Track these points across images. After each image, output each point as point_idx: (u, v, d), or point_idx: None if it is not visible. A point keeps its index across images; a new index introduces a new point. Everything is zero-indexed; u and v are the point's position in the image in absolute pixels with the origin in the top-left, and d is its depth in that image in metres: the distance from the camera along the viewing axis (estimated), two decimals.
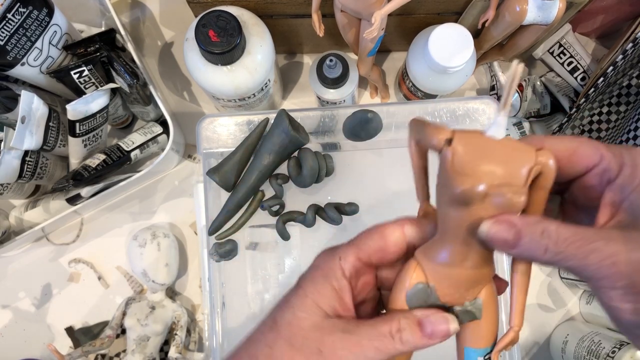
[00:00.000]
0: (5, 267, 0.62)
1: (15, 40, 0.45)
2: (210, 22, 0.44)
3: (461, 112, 0.46)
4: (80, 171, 0.52)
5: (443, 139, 0.23)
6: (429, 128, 0.24)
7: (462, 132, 0.23)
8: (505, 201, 0.22)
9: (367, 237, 0.27)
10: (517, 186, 0.22)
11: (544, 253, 0.22)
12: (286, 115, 0.43)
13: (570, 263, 0.21)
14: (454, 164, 0.22)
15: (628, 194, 0.23)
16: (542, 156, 0.23)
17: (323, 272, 0.26)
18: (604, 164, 0.24)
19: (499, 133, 0.23)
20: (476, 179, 0.22)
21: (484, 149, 0.23)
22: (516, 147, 0.23)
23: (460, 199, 0.22)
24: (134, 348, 0.55)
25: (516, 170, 0.22)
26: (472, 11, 0.50)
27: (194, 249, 0.62)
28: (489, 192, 0.22)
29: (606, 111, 0.56)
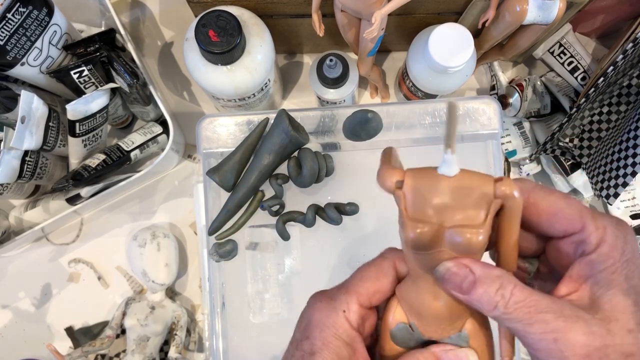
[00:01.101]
0: (5, 267, 0.62)
1: (15, 40, 0.45)
2: (210, 22, 0.44)
3: (461, 112, 0.46)
4: (80, 171, 0.52)
5: (394, 181, 0.22)
6: (383, 168, 0.23)
7: (414, 172, 0.22)
8: (463, 242, 0.21)
9: (363, 281, 0.26)
10: (475, 225, 0.21)
11: (492, 309, 0.22)
12: (286, 115, 0.43)
13: (515, 326, 0.21)
14: (407, 208, 0.22)
15: (596, 272, 0.22)
16: (502, 186, 0.22)
17: (332, 331, 0.25)
18: (583, 235, 0.23)
19: (450, 171, 0.21)
20: (429, 223, 0.21)
21: (436, 188, 0.22)
22: (472, 182, 0.22)
23: (415, 244, 0.22)
24: (133, 348, 0.55)
25: (472, 207, 0.22)
26: (472, 11, 0.50)
27: (194, 249, 0.62)
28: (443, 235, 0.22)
29: (606, 111, 0.56)
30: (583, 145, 0.57)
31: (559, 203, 0.23)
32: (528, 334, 0.21)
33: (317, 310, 0.25)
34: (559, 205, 0.23)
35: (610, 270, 0.22)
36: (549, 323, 0.20)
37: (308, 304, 0.27)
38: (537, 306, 0.21)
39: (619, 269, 0.22)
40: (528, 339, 0.21)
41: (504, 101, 0.59)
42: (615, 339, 0.20)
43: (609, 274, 0.22)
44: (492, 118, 0.46)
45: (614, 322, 0.21)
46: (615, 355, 0.20)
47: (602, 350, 0.20)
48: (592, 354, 0.20)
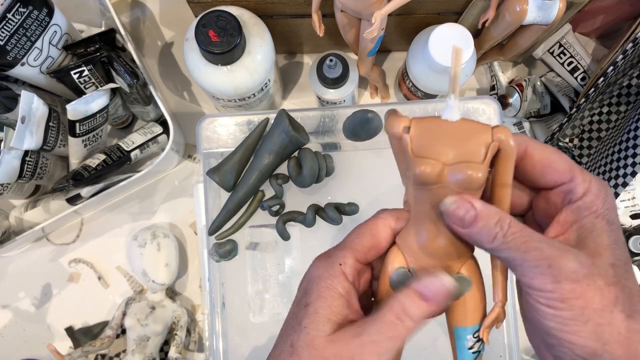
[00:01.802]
0: (5, 267, 0.62)
1: (15, 40, 0.45)
2: (210, 22, 0.44)
3: (461, 112, 0.46)
4: (80, 171, 0.52)
5: (401, 127, 0.24)
6: (390, 118, 0.25)
7: (420, 119, 0.24)
8: (464, 178, 0.23)
9: (359, 238, 0.27)
10: (475, 163, 0.23)
11: (492, 240, 0.23)
12: (286, 115, 0.43)
13: (512, 254, 0.23)
14: (413, 149, 0.24)
15: (582, 217, 0.24)
16: (499, 133, 0.24)
17: (327, 282, 0.26)
18: (571, 185, 0.25)
19: (453, 115, 0.24)
20: (433, 159, 0.23)
21: (440, 131, 0.24)
22: (472, 127, 0.24)
23: (420, 180, 0.24)
24: (134, 348, 0.55)
25: (472, 148, 0.23)
26: (472, 11, 0.50)
27: (194, 249, 0.62)
28: (446, 170, 0.23)
29: (606, 111, 0.56)
30: (583, 145, 0.57)
31: (552, 156, 0.25)
32: (524, 262, 0.23)
33: (316, 267, 0.27)
34: (552, 158, 0.25)
35: (594, 215, 0.24)
36: (543, 250, 0.22)
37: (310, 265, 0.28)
38: (532, 237, 0.23)
39: (601, 215, 0.24)
40: (524, 267, 0.23)
41: (504, 101, 0.59)
42: (600, 270, 0.23)
43: (593, 218, 0.24)
44: (492, 118, 0.46)
45: (598, 257, 0.23)
46: (600, 283, 0.22)
47: (589, 277, 0.22)
48: (582, 280, 0.22)
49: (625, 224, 0.60)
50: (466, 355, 0.27)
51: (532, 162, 0.26)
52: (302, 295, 0.27)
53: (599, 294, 0.22)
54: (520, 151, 0.25)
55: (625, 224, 0.59)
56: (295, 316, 0.26)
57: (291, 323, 0.26)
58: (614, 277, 0.23)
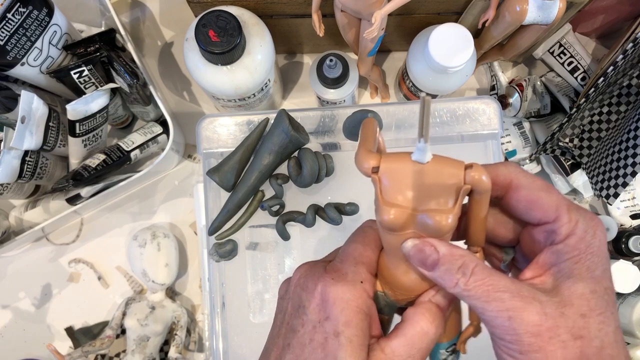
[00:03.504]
0: (5, 267, 0.62)
1: (15, 40, 0.45)
2: (210, 22, 0.44)
3: (461, 112, 0.46)
4: (80, 171, 0.52)
5: (370, 165, 0.23)
6: (360, 151, 0.24)
7: (389, 158, 0.23)
8: (433, 225, 0.23)
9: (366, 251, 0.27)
10: (444, 209, 0.23)
11: (453, 286, 0.23)
12: (286, 115, 0.43)
13: (474, 302, 0.22)
14: (382, 192, 0.23)
15: (561, 261, 0.23)
16: (472, 172, 0.23)
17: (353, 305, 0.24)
18: (555, 225, 0.24)
19: (422, 158, 0.22)
20: (400, 206, 0.23)
21: (409, 174, 0.23)
22: (443, 169, 0.23)
23: (388, 226, 0.23)
24: (133, 348, 0.55)
25: (442, 193, 0.23)
26: (472, 11, 0.50)
27: (194, 249, 0.62)
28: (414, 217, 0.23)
29: (606, 111, 0.56)
30: (583, 145, 0.57)
31: (539, 192, 0.24)
32: (485, 311, 0.22)
33: (331, 286, 0.25)
34: (539, 194, 0.24)
35: (574, 260, 0.23)
36: (505, 302, 0.22)
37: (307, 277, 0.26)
38: (495, 285, 0.22)
39: (582, 260, 0.23)
40: (485, 316, 0.22)
41: (504, 101, 0.59)
42: (568, 322, 0.21)
43: (572, 264, 0.23)
44: (492, 118, 0.46)
45: (569, 306, 0.22)
46: (565, 336, 0.21)
47: (553, 330, 0.21)
48: (543, 333, 0.21)
49: (625, 224, 0.60)
50: None
51: (517, 196, 0.25)
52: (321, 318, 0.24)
53: (561, 348, 0.21)
54: (505, 184, 0.25)
55: (625, 224, 0.59)
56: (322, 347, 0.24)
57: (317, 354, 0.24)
58: (583, 329, 0.21)
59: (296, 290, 0.26)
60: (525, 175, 0.25)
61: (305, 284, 0.26)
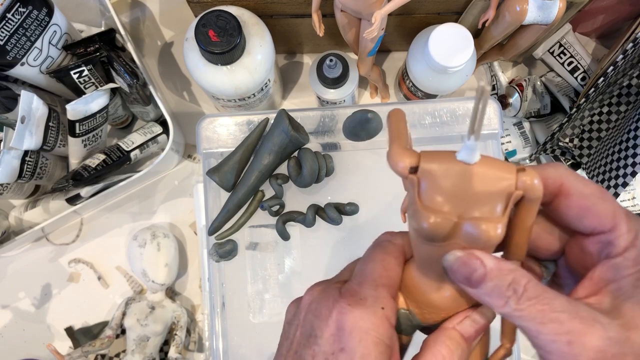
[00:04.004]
0: (5, 267, 0.62)
1: (15, 40, 0.45)
2: (210, 22, 0.44)
3: (461, 112, 0.46)
4: (80, 171, 0.52)
5: (407, 167, 0.20)
6: (395, 148, 0.21)
7: (430, 156, 0.20)
8: (479, 236, 0.20)
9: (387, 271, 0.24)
10: (493, 218, 0.20)
11: (503, 305, 0.20)
12: (286, 115, 0.43)
13: (527, 324, 0.20)
14: (421, 196, 0.20)
15: (620, 277, 0.20)
16: (524, 176, 0.20)
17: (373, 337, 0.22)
18: (611, 236, 0.21)
19: (470, 158, 0.20)
20: (444, 212, 0.20)
21: (454, 177, 0.20)
22: (492, 172, 0.20)
23: (428, 235, 0.20)
24: (133, 348, 0.55)
25: (491, 199, 0.20)
26: (472, 11, 0.50)
27: (194, 249, 0.62)
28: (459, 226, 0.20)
29: (606, 111, 0.56)
30: (583, 145, 0.57)
31: (593, 197, 0.21)
32: (540, 334, 0.19)
33: (348, 312, 0.22)
34: (593, 200, 0.21)
35: (635, 276, 0.20)
36: (564, 324, 0.19)
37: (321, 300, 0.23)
38: (551, 304, 0.19)
39: None
40: (539, 340, 0.19)
41: (504, 101, 0.59)
42: (634, 347, 0.19)
43: (634, 281, 0.20)
44: (492, 118, 0.46)
45: (635, 330, 0.19)
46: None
47: (618, 357, 0.19)
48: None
49: None
50: None
51: (568, 202, 0.22)
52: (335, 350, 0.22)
53: None
54: (554, 188, 0.22)
55: None
56: None
57: None
58: None
59: (307, 317, 0.24)
60: (577, 178, 0.22)
61: (318, 309, 0.23)
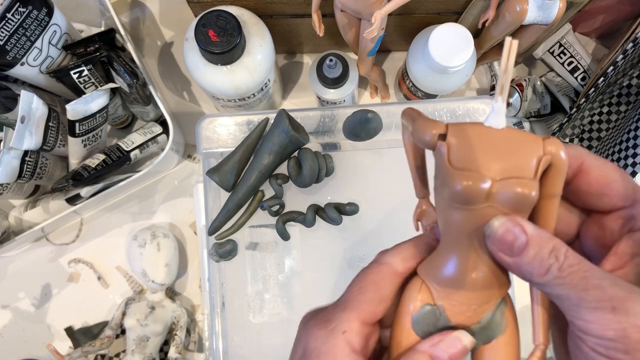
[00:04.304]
0: (5, 267, 0.62)
1: (14, 40, 0.45)
2: (210, 22, 0.43)
3: (461, 112, 0.46)
4: (80, 171, 0.52)
5: (436, 134, 0.20)
6: (420, 122, 0.21)
7: (456, 125, 0.21)
8: (515, 196, 0.20)
9: (362, 293, 0.23)
10: (526, 178, 0.20)
11: (544, 273, 0.19)
12: (286, 115, 0.43)
13: (567, 291, 0.19)
14: (451, 160, 0.20)
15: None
16: (550, 145, 0.20)
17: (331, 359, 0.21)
18: (634, 210, 0.21)
19: (499, 122, 0.20)
20: (478, 172, 0.20)
21: (484, 140, 0.20)
22: (520, 137, 0.20)
23: (463, 197, 0.20)
24: (133, 348, 0.55)
25: (523, 161, 0.20)
26: (472, 11, 0.50)
27: (194, 249, 0.62)
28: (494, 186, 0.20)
29: (606, 111, 0.56)
30: (583, 145, 0.57)
31: (613, 174, 0.21)
32: (581, 301, 0.19)
33: (312, 335, 0.22)
34: (613, 177, 0.21)
35: None
36: (606, 290, 0.18)
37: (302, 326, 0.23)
38: (592, 272, 0.19)
39: None
40: (580, 308, 0.19)
41: None
42: None
43: None
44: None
45: None
46: None
47: None
48: None
49: None
50: None
51: (588, 180, 0.22)
52: None
53: None
54: (575, 166, 0.22)
55: None
56: None
57: None
58: None
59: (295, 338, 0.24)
60: (595, 157, 0.22)
61: (299, 332, 0.23)
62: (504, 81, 0.19)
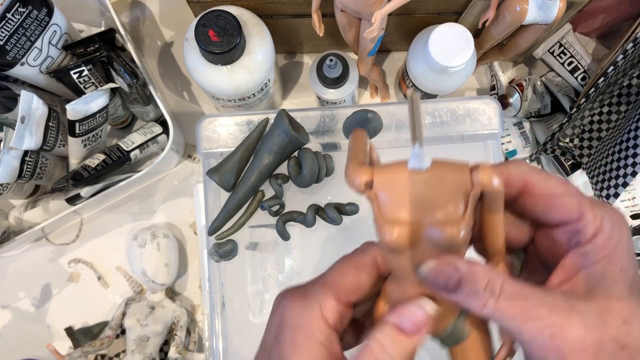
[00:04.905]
0: (5, 267, 0.62)
1: (14, 40, 0.45)
2: (210, 22, 0.43)
3: (461, 112, 0.46)
4: (80, 171, 0.52)
5: (362, 183, 0.21)
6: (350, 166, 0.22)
7: (383, 170, 0.21)
8: (443, 239, 0.20)
9: (342, 275, 0.24)
10: (454, 219, 0.20)
11: (482, 307, 0.20)
12: (286, 115, 0.43)
13: (508, 324, 0.20)
14: (381, 210, 0.21)
15: (591, 264, 0.21)
16: (478, 175, 0.20)
17: (305, 331, 0.22)
18: (579, 225, 0.22)
19: (420, 164, 0.20)
20: (403, 223, 0.20)
21: (409, 186, 0.20)
22: (447, 173, 0.20)
23: (392, 248, 0.21)
24: (133, 348, 0.55)
25: (449, 202, 0.20)
26: (473, 11, 0.50)
27: (194, 249, 0.62)
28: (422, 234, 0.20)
29: (607, 111, 0.56)
30: (583, 145, 0.57)
31: (558, 189, 0.22)
32: (522, 332, 0.20)
33: (289, 308, 0.23)
34: (558, 192, 0.22)
35: (605, 261, 0.21)
36: (544, 319, 0.19)
37: (279, 300, 0.24)
38: (529, 301, 0.20)
39: (614, 260, 0.21)
40: (523, 336, 0.20)
41: (504, 101, 0.59)
42: (611, 331, 0.20)
43: (604, 265, 0.21)
44: (492, 118, 0.46)
45: (609, 313, 0.20)
46: (611, 347, 0.19)
47: (597, 343, 0.19)
48: (589, 348, 0.19)
49: None
50: None
51: (534, 197, 0.22)
52: (273, 340, 0.23)
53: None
54: (519, 185, 0.22)
55: None
56: None
57: None
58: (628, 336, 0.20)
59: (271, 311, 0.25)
60: (539, 173, 0.22)
61: (275, 305, 0.24)
62: (415, 127, 0.19)
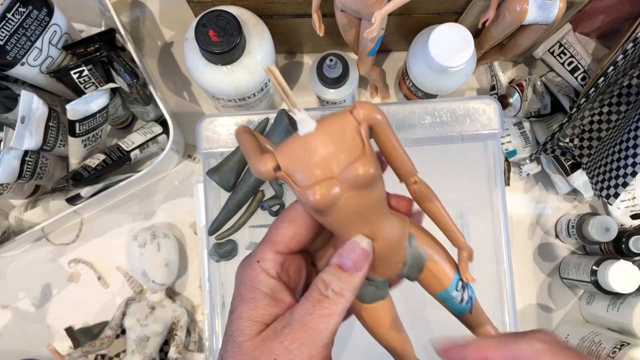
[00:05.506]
0: (5, 267, 0.62)
1: (15, 40, 0.45)
2: (210, 22, 0.44)
3: (461, 111, 0.46)
4: (80, 171, 0.52)
5: (270, 167, 0.22)
6: (253, 161, 0.23)
7: (281, 149, 0.22)
8: (359, 176, 0.22)
9: (277, 228, 0.26)
10: (358, 155, 0.22)
11: None
12: (286, 115, 0.43)
13: None
14: (296, 182, 0.22)
15: None
16: (358, 112, 0.22)
17: (247, 285, 0.25)
18: None
19: (309, 128, 0.22)
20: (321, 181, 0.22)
21: (308, 148, 0.22)
22: (333, 124, 0.22)
23: (324, 206, 0.22)
24: (133, 348, 0.55)
25: (347, 144, 0.22)
26: (473, 11, 0.50)
27: (194, 249, 0.62)
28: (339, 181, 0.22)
29: (607, 111, 0.56)
30: (583, 145, 0.57)
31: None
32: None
33: (238, 272, 0.26)
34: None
35: None
36: None
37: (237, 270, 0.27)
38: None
39: None
40: None
41: (504, 101, 0.59)
42: None
43: None
44: (492, 118, 0.46)
45: None
46: None
47: None
48: None
49: (625, 224, 0.59)
50: (462, 309, 0.27)
51: None
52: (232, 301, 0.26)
53: None
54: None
55: (626, 224, 0.59)
56: (225, 329, 0.25)
57: (223, 337, 0.25)
58: None
59: None
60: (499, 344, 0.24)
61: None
62: (286, 97, 0.21)
